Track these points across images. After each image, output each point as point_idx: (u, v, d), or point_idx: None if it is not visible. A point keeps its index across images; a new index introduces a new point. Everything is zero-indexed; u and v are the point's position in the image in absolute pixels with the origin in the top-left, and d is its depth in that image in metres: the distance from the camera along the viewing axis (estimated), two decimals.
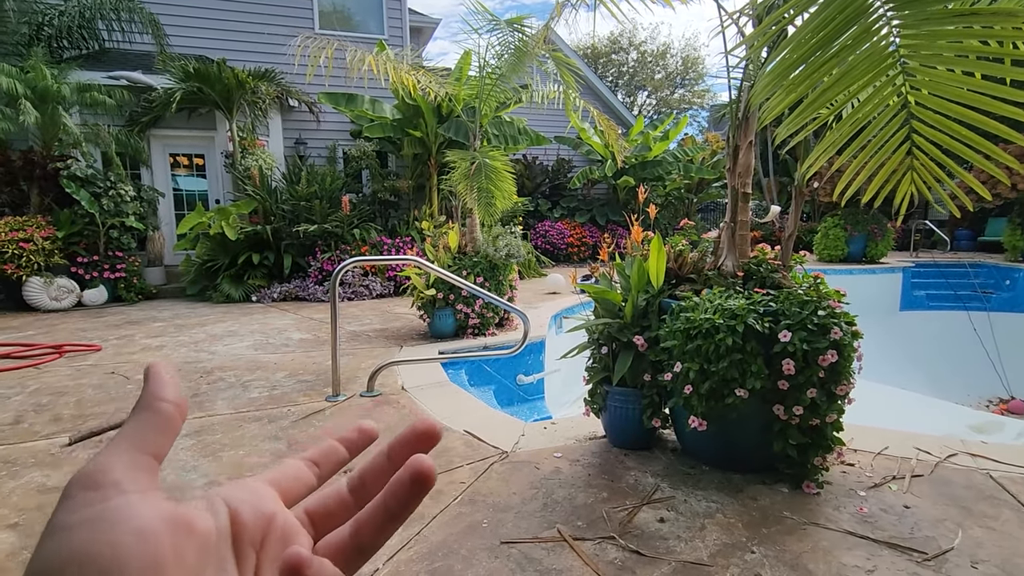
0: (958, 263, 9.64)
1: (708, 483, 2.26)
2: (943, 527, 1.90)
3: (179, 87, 7.84)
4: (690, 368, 2.21)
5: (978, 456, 2.44)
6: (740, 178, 2.56)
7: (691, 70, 28.57)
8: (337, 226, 7.95)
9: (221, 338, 5.12)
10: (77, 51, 8.63)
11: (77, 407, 3.25)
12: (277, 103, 9.31)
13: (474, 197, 5.12)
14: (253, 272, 7.74)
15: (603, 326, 2.64)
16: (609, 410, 2.64)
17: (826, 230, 10.30)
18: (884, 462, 2.41)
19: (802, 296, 2.21)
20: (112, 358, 4.39)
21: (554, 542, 1.86)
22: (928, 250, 12.04)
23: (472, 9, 5.08)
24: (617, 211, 12.62)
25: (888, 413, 5.23)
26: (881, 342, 6.88)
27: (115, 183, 7.37)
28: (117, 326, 5.79)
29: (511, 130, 9.17)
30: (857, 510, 2.02)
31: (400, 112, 8.93)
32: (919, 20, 1.31)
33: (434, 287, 4.75)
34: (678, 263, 2.75)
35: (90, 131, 7.52)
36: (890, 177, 1.60)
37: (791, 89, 1.34)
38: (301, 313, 6.46)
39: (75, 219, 7.14)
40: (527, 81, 6.41)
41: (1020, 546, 1.78)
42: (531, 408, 4.63)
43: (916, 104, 1.31)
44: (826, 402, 2.11)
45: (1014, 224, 9.61)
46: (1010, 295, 8.99)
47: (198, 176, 9.60)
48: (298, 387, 3.59)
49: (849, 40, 1.36)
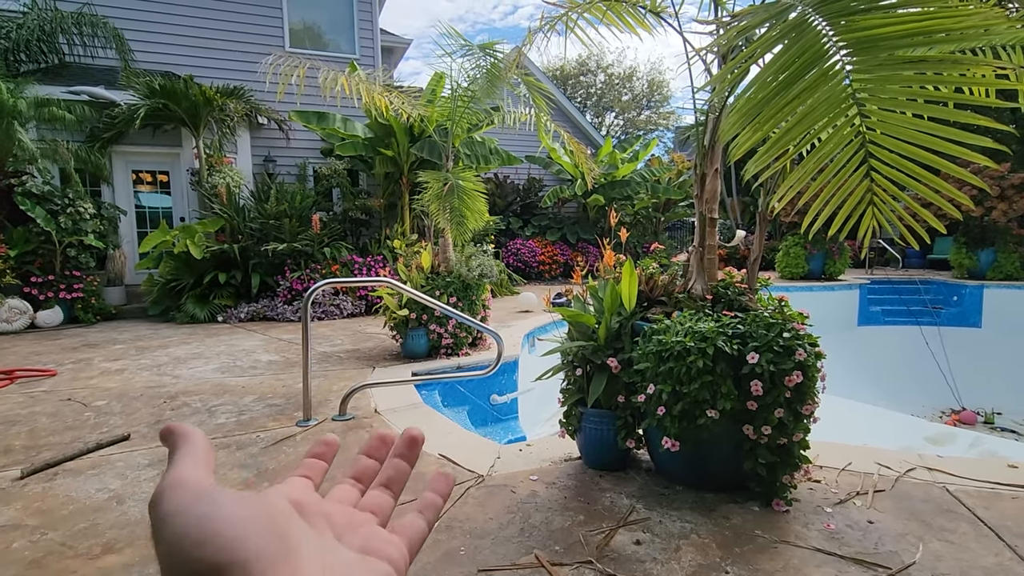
0: (910, 280, 10.11)
1: (682, 503, 2.29)
2: (905, 541, 1.98)
3: (143, 103, 7.68)
4: (663, 389, 2.26)
5: (935, 470, 2.55)
6: (707, 204, 2.65)
7: (656, 92, 29.44)
8: (307, 245, 7.84)
9: (185, 361, 4.96)
10: (36, 65, 8.36)
11: (30, 437, 3.10)
12: (246, 120, 9.19)
13: (447, 217, 5.15)
14: (219, 292, 7.55)
15: (578, 348, 2.68)
16: (584, 431, 2.67)
17: (787, 248, 10.69)
18: (848, 478, 2.50)
19: (768, 318, 2.29)
20: (68, 383, 4.21)
21: (532, 568, 1.86)
22: (882, 267, 12.59)
23: (444, 32, 5.16)
24: (587, 229, 12.81)
25: (849, 426, 5.41)
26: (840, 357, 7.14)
27: (73, 200, 7.12)
28: (74, 349, 5.55)
29: (483, 150, 9.26)
30: (824, 527, 2.08)
31: (372, 131, 8.93)
32: (873, 65, 1.40)
33: (407, 307, 4.73)
34: (649, 286, 2.82)
35: (48, 147, 7.27)
36: (853, 211, 1.69)
37: (757, 127, 1.42)
38: (270, 334, 6.32)
39: (30, 237, 6.86)
40: (499, 103, 6.50)
41: (977, 559, 1.87)
42: (505, 428, 4.62)
43: (872, 144, 1.41)
44: (793, 421, 2.18)
45: (959, 243, 10.16)
46: (958, 310, 9.46)
47: (162, 193, 9.36)
48: (267, 411, 3.51)
49: (810, 82, 1.45)
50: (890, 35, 1.36)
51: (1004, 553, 1.90)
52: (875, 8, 1.39)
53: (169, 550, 0.23)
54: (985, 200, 9.30)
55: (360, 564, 0.29)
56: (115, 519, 2.19)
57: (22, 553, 1.95)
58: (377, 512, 0.35)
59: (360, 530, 0.32)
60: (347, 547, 0.30)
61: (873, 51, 1.33)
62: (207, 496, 0.25)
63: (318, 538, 0.28)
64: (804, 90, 1.38)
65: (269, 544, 0.24)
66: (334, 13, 10.66)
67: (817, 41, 1.37)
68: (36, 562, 1.90)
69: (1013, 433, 7.07)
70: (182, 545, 0.23)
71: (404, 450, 0.38)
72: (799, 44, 1.43)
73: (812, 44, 1.37)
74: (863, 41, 1.36)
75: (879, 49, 1.35)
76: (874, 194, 1.41)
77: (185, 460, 0.28)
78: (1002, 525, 2.07)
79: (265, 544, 0.24)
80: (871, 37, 1.38)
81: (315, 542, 0.28)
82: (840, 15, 1.37)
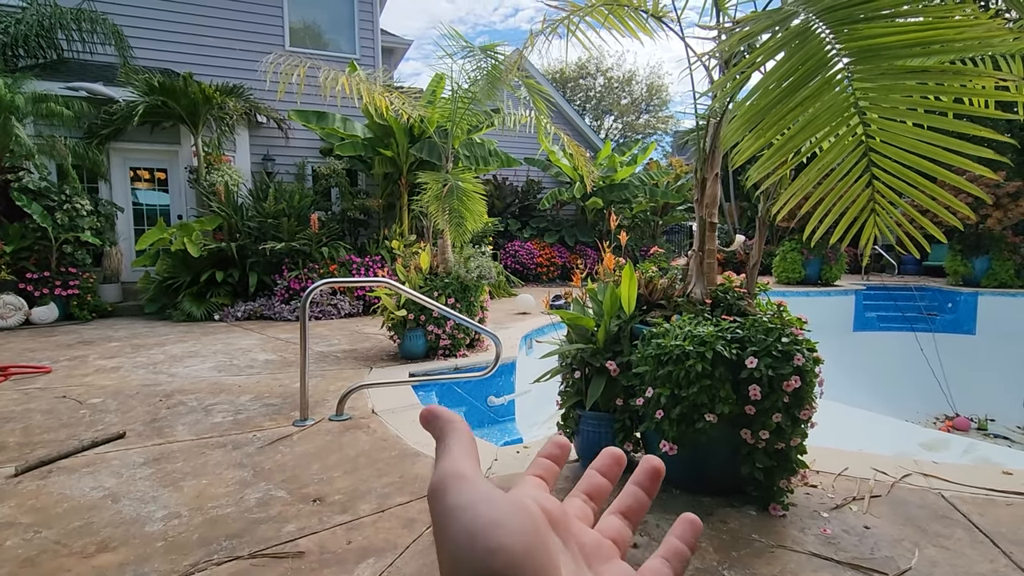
0: (905, 286, 10.16)
1: (679, 506, 2.30)
2: (901, 547, 1.98)
3: (142, 100, 7.65)
4: (661, 393, 2.27)
5: (930, 476, 2.56)
6: (707, 208, 2.66)
7: (656, 97, 29.52)
8: (305, 244, 7.83)
9: (182, 359, 4.95)
10: (34, 60, 8.33)
11: (24, 434, 3.08)
12: (245, 119, 9.18)
13: (445, 218, 5.14)
14: (216, 290, 7.52)
15: (576, 351, 2.68)
16: (582, 434, 2.67)
17: (784, 253, 10.73)
18: (845, 483, 2.51)
19: (767, 323, 2.30)
20: (63, 381, 4.19)
21: None
22: (878, 273, 12.63)
23: (445, 33, 5.17)
24: (586, 232, 12.83)
25: (844, 431, 5.43)
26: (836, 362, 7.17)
27: (70, 196, 7.08)
28: (69, 346, 5.52)
29: (482, 151, 9.26)
30: (821, 531, 2.09)
31: (371, 131, 8.92)
32: (876, 75, 1.41)
33: (405, 308, 4.72)
34: (649, 289, 2.83)
35: (45, 143, 7.24)
36: (856, 219, 1.70)
37: (759, 134, 1.43)
38: (267, 333, 6.30)
39: (25, 233, 6.82)
40: (499, 105, 6.51)
41: (972, 565, 1.88)
42: (502, 430, 4.62)
43: (875, 152, 1.42)
44: (791, 426, 2.19)
45: (955, 250, 10.21)
46: (953, 317, 9.51)
47: (160, 191, 9.33)
48: (264, 411, 3.50)
49: (812, 90, 1.45)
50: (893, 44, 1.37)
51: (999, 560, 1.91)
52: (878, 17, 1.40)
53: (459, 548, 0.23)
54: (980, 208, 9.35)
55: None
56: (110, 517, 2.18)
57: (15, 551, 1.94)
58: (618, 543, 0.33)
59: (610, 565, 0.30)
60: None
61: (876, 60, 1.34)
62: (490, 499, 0.25)
63: (572, 562, 0.28)
64: (807, 98, 1.38)
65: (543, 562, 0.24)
66: (335, 13, 10.65)
67: (820, 49, 1.38)
68: (30, 560, 1.89)
69: (1006, 440, 7.11)
70: (474, 547, 0.23)
71: (645, 480, 0.35)
72: (802, 52, 1.44)
73: (815, 52, 1.38)
74: (866, 50, 1.37)
75: (882, 58, 1.36)
76: (876, 203, 1.42)
77: (459, 449, 0.28)
78: (997, 532, 2.08)
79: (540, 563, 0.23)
80: (874, 46, 1.39)
81: (569, 565, 0.27)
82: (843, 23, 1.38)
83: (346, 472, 2.62)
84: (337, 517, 2.20)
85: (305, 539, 2.04)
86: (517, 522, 0.24)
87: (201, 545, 1.99)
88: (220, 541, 2.02)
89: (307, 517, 2.20)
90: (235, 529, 2.10)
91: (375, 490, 2.44)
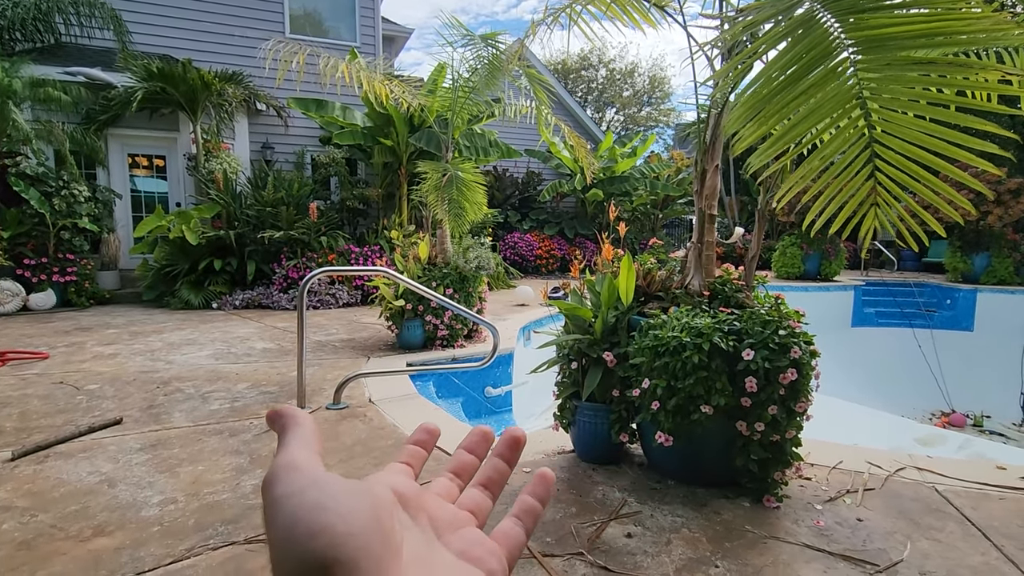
0: (904, 282, 10.17)
1: (674, 498, 2.31)
2: (893, 539, 1.99)
3: (141, 86, 7.60)
4: (658, 385, 2.27)
5: (925, 470, 2.57)
6: (707, 200, 2.65)
7: (658, 89, 29.37)
8: (304, 233, 7.81)
9: (179, 347, 4.95)
10: (31, 44, 8.26)
11: (21, 419, 3.09)
12: (244, 106, 9.12)
13: (445, 208, 5.12)
14: (214, 278, 7.51)
15: (574, 342, 2.68)
16: (578, 425, 2.67)
17: (784, 248, 10.72)
18: (839, 476, 2.52)
19: (764, 316, 2.29)
20: (61, 367, 4.19)
21: (523, 559, 1.86)
22: (877, 269, 12.64)
23: (447, 23, 5.13)
24: (585, 224, 12.81)
25: (840, 426, 5.44)
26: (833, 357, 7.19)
27: (68, 183, 7.06)
28: (67, 332, 5.52)
29: (482, 142, 9.22)
30: (814, 523, 2.10)
31: (371, 120, 8.87)
32: (881, 65, 1.40)
33: (403, 298, 4.72)
34: (647, 281, 2.82)
35: (42, 128, 7.19)
36: (856, 211, 1.70)
37: (761, 123, 1.41)
38: (264, 321, 6.30)
39: (23, 219, 6.80)
40: (499, 95, 6.47)
41: (964, 558, 1.89)
42: (499, 420, 4.63)
43: (878, 143, 1.40)
44: (786, 419, 2.19)
45: (954, 247, 10.21)
46: (951, 313, 9.52)
47: (158, 178, 9.29)
48: (261, 399, 3.50)
49: (816, 79, 1.44)
50: (898, 35, 1.36)
51: (991, 552, 1.92)
52: (884, 7, 1.38)
53: (280, 536, 0.23)
54: (981, 204, 9.34)
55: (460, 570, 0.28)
56: (106, 502, 2.19)
57: (12, 535, 1.95)
58: (476, 513, 0.34)
59: (461, 532, 0.31)
60: (447, 548, 0.29)
61: (881, 50, 1.33)
62: (320, 483, 0.24)
63: (420, 535, 0.28)
64: (810, 87, 1.37)
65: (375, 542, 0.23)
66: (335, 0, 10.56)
67: (825, 38, 1.36)
68: (26, 543, 1.89)
69: (1001, 436, 7.14)
70: (294, 532, 0.22)
71: (505, 450, 0.36)
72: (806, 41, 1.43)
73: (820, 41, 1.36)
74: (871, 40, 1.36)
75: (887, 49, 1.34)
76: (877, 195, 1.41)
77: (296, 442, 0.28)
78: (989, 525, 2.09)
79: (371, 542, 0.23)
80: (879, 36, 1.37)
81: (417, 540, 0.27)
82: (848, 12, 1.36)
83: (342, 460, 2.63)
84: None
85: None
86: (345, 504, 0.23)
87: (197, 530, 2.00)
88: (216, 526, 2.02)
89: None
90: (231, 515, 2.11)
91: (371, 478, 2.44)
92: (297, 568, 0.22)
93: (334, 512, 0.23)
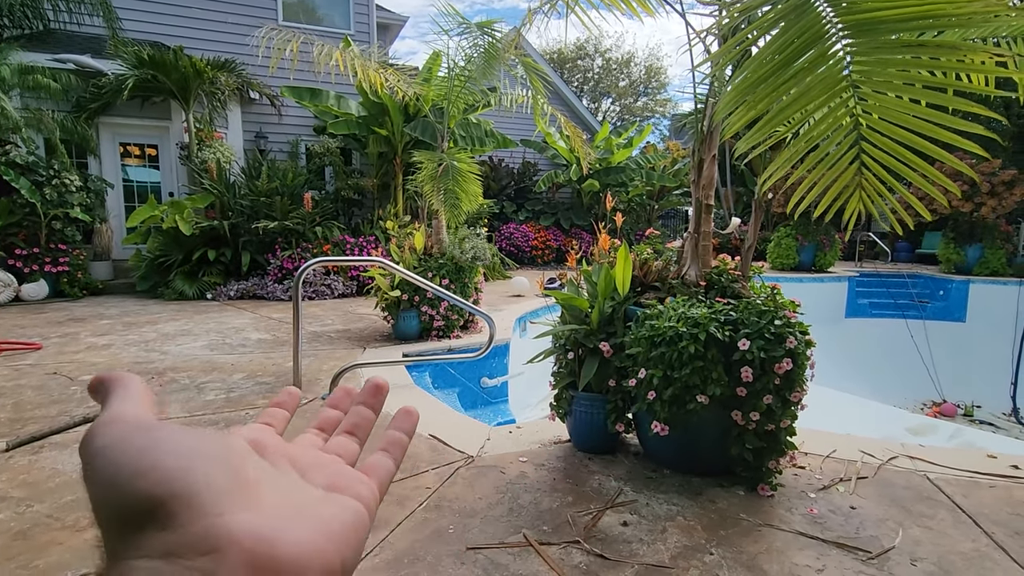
0: (898, 274, 10.22)
1: (669, 486, 2.32)
2: (885, 527, 2.02)
3: (131, 74, 7.49)
4: (654, 374, 2.27)
5: (917, 459, 2.60)
6: (704, 190, 2.65)
7: (654, 79, 29.23)
8: (298, 223, 7.76)
9: (174, 337, 4.92)
10: (19, 30, 8.12)
11: (15, 410, 3.07)
12: (237, 95, 9.01)
13: (440, 198, 5.10)
14: (209, 269, 7.47)
15: (570, 332, 2.68)
16: (574, 415, 2.68)
17: (779, 239, 10.74)
18: (832, 465, 2.54)
19: (760, 306, 2.30)
20: (54, 357, 4.16)
21: (520, 547, 1.87)
22: (871, 260, 12.69)
23: (442, 11, 5.07)
24: (581, 215, 12.78)
25: (834, 416, 5.49)
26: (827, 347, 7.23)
27: (59, 172, 6.97)
28: (60, 323, 5.48)
29: (478, 132, 9.17)
30: (808, 511, 2.12)
31: (366, 109, 8.80)
32: (871, 48, 1.40)
33: (399, 288, 4.70)
34: (643, 271, 2.82)
35: (32, 116, 7.10)
36: (840, 193, 1.70)
37: (751, 106, 1.41)
38: (260, 312, 6.28)
39: (13, 208, 6.72)
40: (495, 84, 6.41)
41: (955, 544, 1.91)
42: (495, 411, 4.64)
43: (867, 127, 1.40)
44: (781, 408, 2.20)
45: (947, 238, 10.26)
46: (943, 304, 9.59)
47: (150, 167, 9.19)
48: (257, 389, 3.49)
49: (807, 63, 1.44)
50: (890, 18, 1.35)
51: (981, 539, 1.95)
52: None
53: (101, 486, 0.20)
54: (975, 196, 9.37)
55: (328, 501, 0.27)
56: None
57: (8, 524, 1.94)
58: (343, 456, 0.33)
59: (326, 469, 0.30)
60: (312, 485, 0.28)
61: (872, 33, 1.32)
62: (147, 428, 0.22)
63: (282, 477, 0.27)
64: (801, 70, 1.37)
65: (218, 475, 0.21)
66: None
67: (817, 22, 1.36)
68: (22, 533, 1.89)
69: (991, 426, 7.23)
70: (116, 479, 0.20)
71: (368, 398, 0.37)
72: (799, 24, 1.42)
73: (812, 24, 1.36)
74: (863, 23, 1.35)
75: (878, 32, 1.34)
76: (863, 177, 1.41)
77: (120, 400, 0.25)
78: (980, 512, 2.12)
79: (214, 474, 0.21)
80: (871, 20, 1.37)
81: (276, 479, 0.26)
82: None
83: None
84: None
85: None
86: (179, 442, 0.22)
87: None
88: None
89: None
90: None
91: None
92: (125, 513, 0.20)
93: (164, 451, 0.21)
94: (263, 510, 0.22)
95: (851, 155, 1.55)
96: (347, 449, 0.34)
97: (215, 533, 0.20)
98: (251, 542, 0.20)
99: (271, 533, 0.21)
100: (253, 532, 0.21)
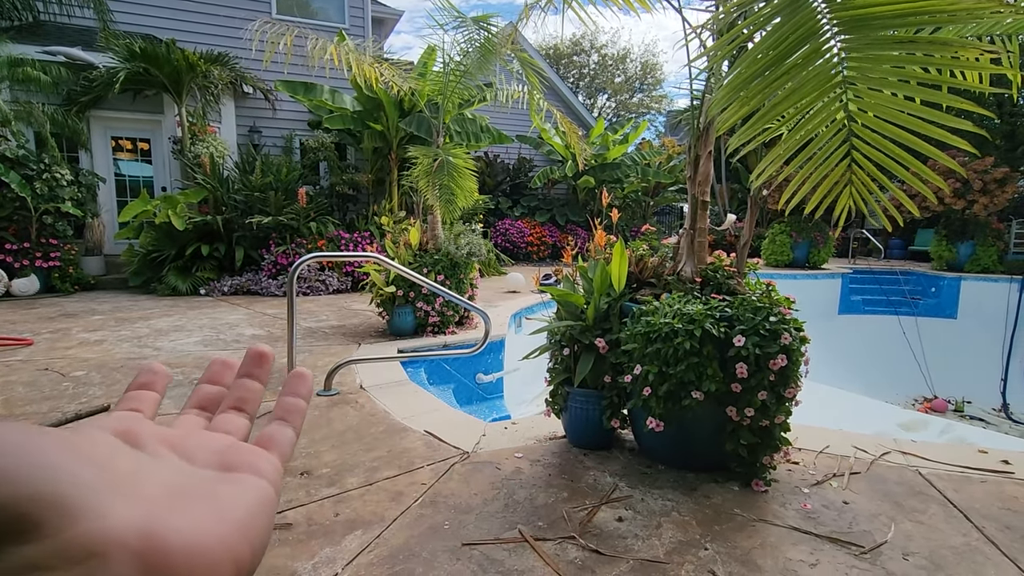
0: (891, 271, 10.28)
1: (664, 482, 2.33)
2: (878, 522, 2.03)
3: (123, 67, 7.42)
4: (649, 370, 2.28)
5: (909, 454, 2.62)
6: (700, 187, 2.65)
7: (650, 75, 29.22)
8: (293, 219, 7.72)
9: (167, 333, 4.89)
10: (8, 22, 8.01)
11: (5, 406, 3.04)
12: (231, 89, 8.94)
13: (436, 194, 5.08)
14: (202, 264, 7.42)
15: (566, 328, 2.68)
16: (570, 411, 2.68)
17: (773, 236, 10.78)
18: (826, 460, 2.56)
19: (755, 302, 2.30)
20: (45, 353, 4.13)
21: (515, 543, 1.88)
22: (864, 257, 12.77)
23: (438, 5, 5.04)
24: (577, 211, 12.78)
25: (827, 411, 5.53)
26: (821, 344, 7.28)
27: (49, 166, 6.91)
28: (51, 319, 5.44)
29: (474, 127, 9.14)
30: (801, 506, 2.13)
31: (361, 104, 8.75)
32: (864, 44, 1.40)
33: (394, 284, 4.69)
34: (639, 267, 2.82)
35: (22, 109, 7.02)
36: (831, 189, 1.70)
37: (745, 101, 1.41)
38: (253, 308, 6.25)
39: (4, 203, 6.65)
40: (491, 80, 6.39)
41: (946, 539, 1.93)
42: (490, 407, 4.64)
43: (860, 124, 1.41)
44: (775, 404, 2.21)
45: (940, 236, 10.33)
46: (936, 301, 9.67)
47: (143, 162, 9.12)
48: None
49: (800, 59, 1.44)
50: (883, 15, 1.35)
51: (972, 534, 1.97)
52: None
53: None
54: (967, 193, 9.43)
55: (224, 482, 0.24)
56: None
57: None
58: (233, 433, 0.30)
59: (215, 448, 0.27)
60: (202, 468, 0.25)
61: (865, 30, 1.33)
62: None
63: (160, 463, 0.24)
64: (794, 66, 1.37)
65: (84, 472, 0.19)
66: None
67: (812, 17, 1.36)
68: None
69: (981, 421, 7.30)
70: None
71: (252, 368, 0.34)
72: (793, 20, 1.42)
73: (807, 20, 1.36)
74: (857, 20, 1.35)
75: (871, 28, 1.34)
76: (853, 173, 1.42)
77: None
78: (971, 507, 2.14)
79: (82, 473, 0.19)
80: (864, 16, 1.37)
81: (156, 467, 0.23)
82: None
83: (333, 446, 2.62)
84: (325, 490, 2.21)
85: (292, 511, 2.05)
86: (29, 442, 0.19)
87: None
88: None
89: (295, 490, 2.20)
90: None
91: (363, 464, 2.44)
92: None
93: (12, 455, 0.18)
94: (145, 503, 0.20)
95: (842, 151, 1.56)
96: (236, 425, 0.31)
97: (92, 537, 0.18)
98: (136, 540, 0.19)
99: (159, 527, 0.20)
100: (137, 528, 0.19)
